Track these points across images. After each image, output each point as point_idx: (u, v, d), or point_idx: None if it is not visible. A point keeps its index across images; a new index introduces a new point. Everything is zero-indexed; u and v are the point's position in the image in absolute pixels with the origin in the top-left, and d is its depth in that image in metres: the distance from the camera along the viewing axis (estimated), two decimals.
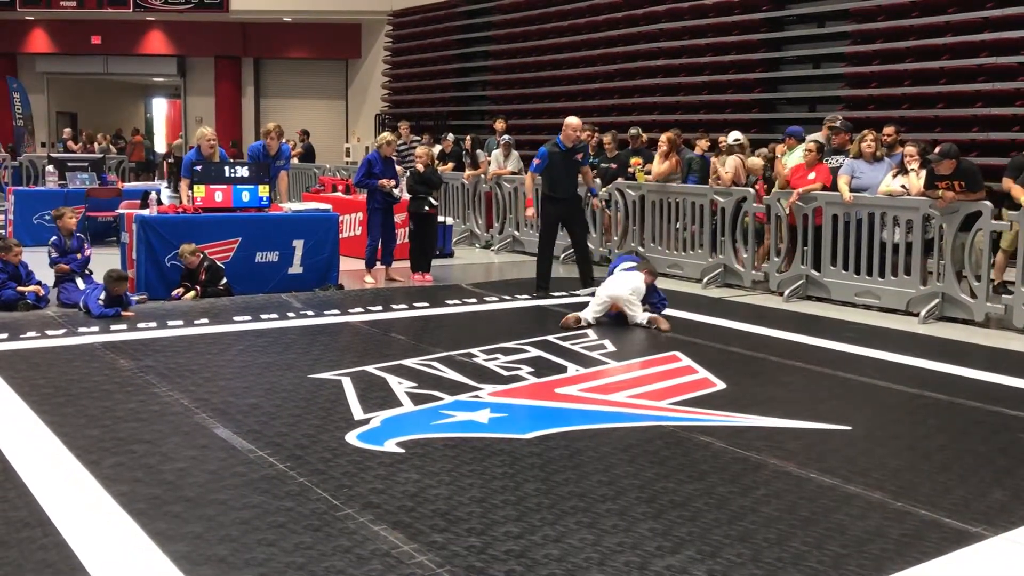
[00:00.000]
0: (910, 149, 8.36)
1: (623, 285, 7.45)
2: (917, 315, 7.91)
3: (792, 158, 9.40)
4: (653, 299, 7.71)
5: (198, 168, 8.83)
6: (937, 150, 7.94)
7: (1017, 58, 10.22)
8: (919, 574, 3.20)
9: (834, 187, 8.68)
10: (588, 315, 7.35)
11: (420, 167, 9.93)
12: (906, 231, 8.16)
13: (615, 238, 11.00)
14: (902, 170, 8.37)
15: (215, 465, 4.12)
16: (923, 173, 8.12)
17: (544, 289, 8.98)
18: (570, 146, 8.85)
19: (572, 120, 8.91)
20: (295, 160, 16.81)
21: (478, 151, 13.27)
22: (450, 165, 13.73)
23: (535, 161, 9.00)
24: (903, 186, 8.27)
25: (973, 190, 7.76)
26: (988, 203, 7.69)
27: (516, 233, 12.37)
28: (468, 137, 13.74)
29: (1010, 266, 7.91)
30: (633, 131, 11.35)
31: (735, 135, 10.10)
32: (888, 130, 9.04)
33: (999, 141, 10.16)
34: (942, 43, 10.96)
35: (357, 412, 4.92)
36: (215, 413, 4.87)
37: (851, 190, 8.49)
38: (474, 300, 8.56)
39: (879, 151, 8.68)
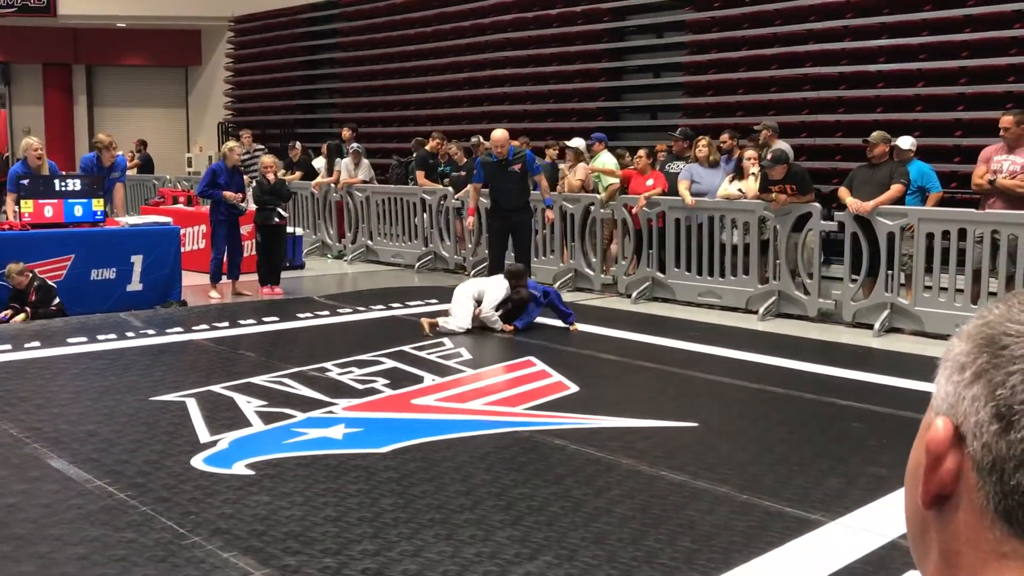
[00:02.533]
0: (750, 153, 8.77)
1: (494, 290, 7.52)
2: (756, 312, 8.29)
3: (598, 162, 9.97)
4: (534, 314, 7.64)
5: (25, 182, 8.31)
6: (769, 156, 8.36)
7: (837, 68, 10.89)
8: (765, 563, 3.34)
9: (673, 191, 9.00)
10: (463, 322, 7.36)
11: (271, 177, 9.64)
12: (743, 233, 8.55)
13: (469, 246, 11.03)
14: (738, 175, 8.76)
15: (48, 498, 3.86)
16: (759, 177, 8.52)
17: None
18: (500, 157, 8.57)
19: (496, 134, 8.63)
20: (132, 172, 16.07)
21: (336, 159, 13.05)
22: (298, 174, 13.45)
23: (475, 172, 8.92)
24: (740, 190, 8.66)
25: (804, 193, 8.20)
26: (818, 204, 8.16)
27: (369, 243, 12.23)
28: (326, 144, 13.49)
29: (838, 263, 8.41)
30: (474, 139, 11.44)
31: (576, 142, 10.33)
32: (724, 136, 9.47)
33: (824, 146, 10.79)
34: (771, 53, 11.55)
35: (203, 434, 4.73)
36: (48, 442, 4.58)
37: (691, 194, 8.83)
38: (327, 312, 8.39)
39: (712, 156, 9.07)
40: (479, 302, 7.51)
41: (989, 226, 7.21)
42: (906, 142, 8.30)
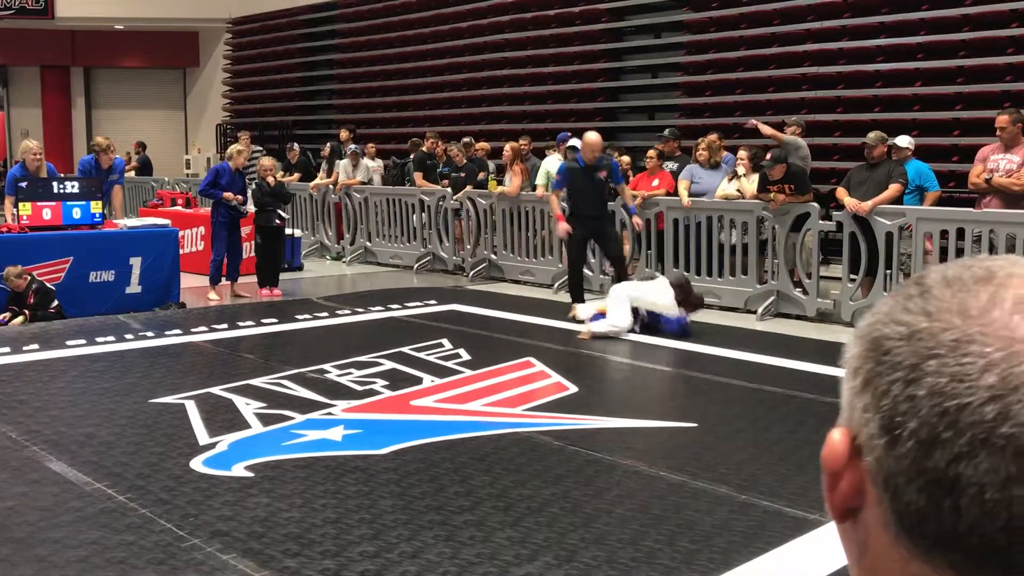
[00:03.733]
0: (742, 153, 8.77)
1: (663, 294, 7.38)
2: (755, 312, 8.30)
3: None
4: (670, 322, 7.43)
5: (23, 184, 8.31)
6: (769, 156, 8.36)
7: (835, 68, 10.90)
8: (764, 563, 3.34)
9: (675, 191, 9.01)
10: (622, 322, 7.22)
11: (271, 180, 9.62)
12: (742, 233, 8.55)
13: (468, 247, 11.04)
14: (736, 175, 8.77)
15: (48, 501, 3.86)
16: (755, 177, 8.53)
17: (579, 299, 8.28)
18: (590, 163, 8.11)
19: (589, 137, 8.09)
20: (131, 174, 16.07)
21: (337, 160, 13.05)
22: (296, 176, 13.45)
23: (555, 178, 8.40)
24: (738, 190, 8.66)
25: (802, 193, 8.20)
26: (816, 204, 8.16)
27: (368, 244, 12.24)
28: (327, 145, 13.49)
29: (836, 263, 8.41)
30: (466, 140, 11.45)
31: (574, 143, 10.32)
32: (712, 136, 9.52)
33: (822, 146, 10.80)
34: (769, 53, 11.55)
35: (202, 437, 4.73)
36: (47, 445, 4.57)
37: (690, 195, 8.83)
38: (326, 314, 8.39)
39: (714, 157, 9.08)
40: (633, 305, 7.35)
41: (987, 225, 7.22)
42: (904, 141, 8.31)
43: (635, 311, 7.33)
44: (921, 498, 0.51)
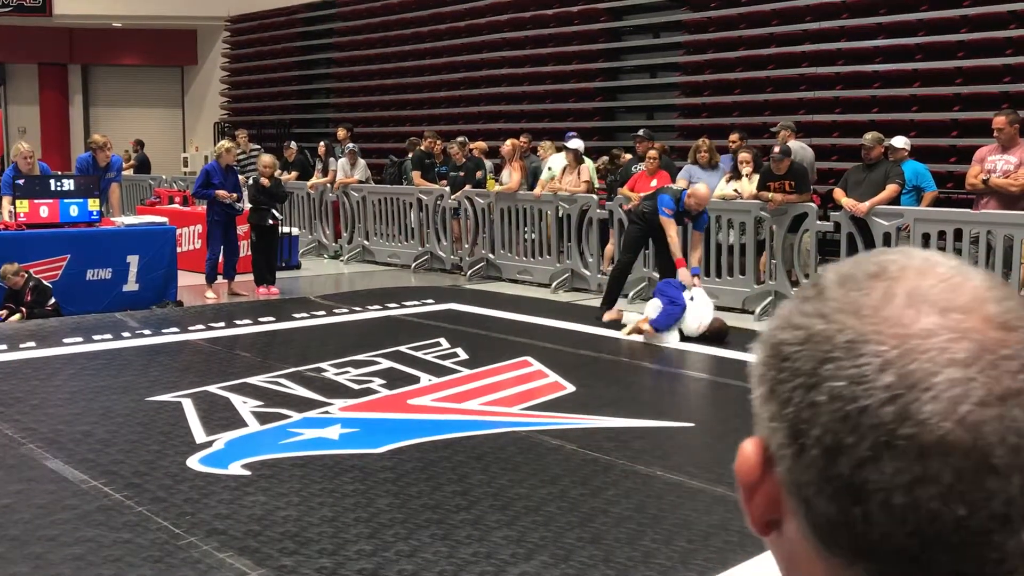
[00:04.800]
0: (744, 155, 8.78)
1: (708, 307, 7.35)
2: (753, 312, 8.30)
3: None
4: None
5: (20, 182, 8.30)
6: (777, 149, 8.36)
7: (834, 68, 10.91)
8: (761, 563, 3.34)
9: None
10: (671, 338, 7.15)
11: (265, 181, 9.61)
12: (740, 233, 8.56)
13: (466, 246, 11.04)
14: (735, 175, 8.78)
15: (44, 499, 3.86)
16: (755, 178, 8.53)
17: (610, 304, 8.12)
18: (689, 210, 7.86)
19: (699, 191, 7.80)
20: (129, 172, 16.04)
21: (331, 159, 13.04)
22: (294, 174, 13.44)
23: (666, 211, 7.83)
24: (736, 190, 8.67)
25: (801, 192, 8.21)
26: (813, 204, 8.17)
27: (365, 243, 12.23)
28: (322, 143, 13.48)
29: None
30: (461, 139, 11.46)
31: (575, 143, 10.31)
32: (733, 136, 9.54)
33: (821, 146, 10.81)
34: (768, 54, 11.56)
35: (199, 435, 4.72)
36: (44, 443, 4.57)
37: None
38: (323, 313, 8.39)
39: (714, 158, 9.09)
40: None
41: (984, 226, 7.23)
42: (900, 142, 8.33)
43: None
44: (832, 507, 0.49)
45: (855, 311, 0.51)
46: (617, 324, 7.65)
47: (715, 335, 7.16)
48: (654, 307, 7.28)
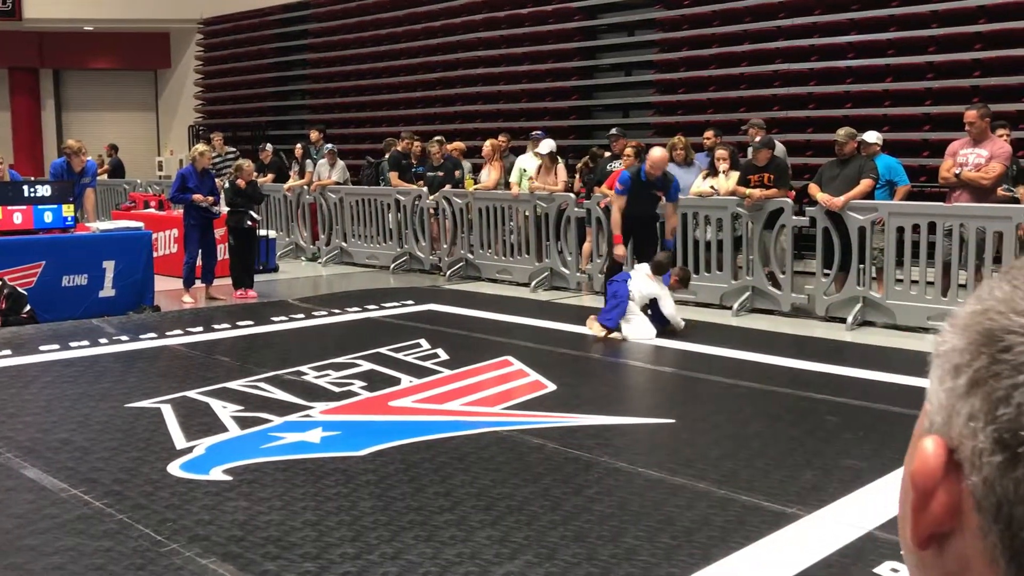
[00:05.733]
0: (721, 152, 8.83)
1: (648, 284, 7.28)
2: (731, 308, 8.35)
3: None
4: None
5: None
6: (758, 139, 8.39)
7: (807, 64, 10.99)
8: (744, 557, 3.36)
9: None
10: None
11: (242, 183, 9.55)
12: (717, 229, 8.60)
13: (444, 246, 11.03)
14: (712, 172, 8.82)
15: (23, 508, 3.82)
16: (733, 174, 8.58)
17: None
18: (651, 178, 7.89)
19: (655, 154, 7.86)
20: (103, 176, 15.91)
21: (307, 161, 12.99)
22: (270, 176, 13.37)
23: (618, 185, 7.99)
24: (712, 187, 8.72)
25: (780, 186, 8.26)
26: (790, 200, 8.23)
27: (343, 244, 12.19)
28: (299, 145, 13.42)
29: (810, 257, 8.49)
30: (438, 139, 11.47)
31: (547, 144, 10.32)
32: (708, 133, 9.59)
33: (795, 142, 10.89)
34: (741, 51, 11.62)
35: (179, 441, 4.69)
36: (22, 452, 4.53)
37: None
38: (302, 315, 8.36)
39: (689, 156, 9.14)
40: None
41: (957, 219, 7.31)
42: (872, 136, 8.41)
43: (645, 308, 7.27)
44: None
45: None
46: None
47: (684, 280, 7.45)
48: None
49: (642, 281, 7.29)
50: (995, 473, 0.43)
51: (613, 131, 10.12)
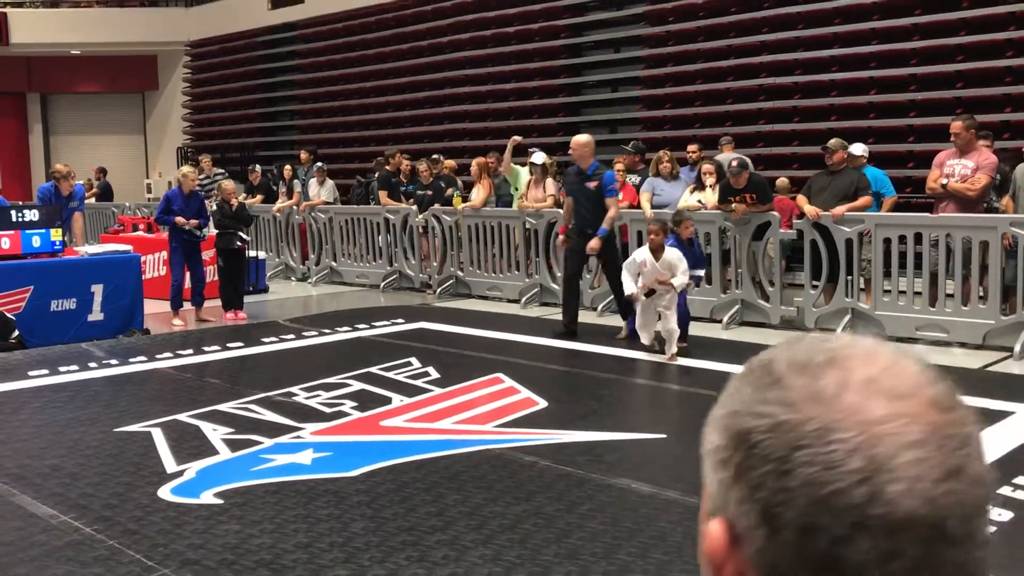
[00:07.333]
0: (707, 166, 8.87)
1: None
2: (720, 321, 8.37)
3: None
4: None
5: None
6: (734, 163, 8.45)
7: (792, 78, 11.07)
8: None
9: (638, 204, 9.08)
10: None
11: (233, 202, 9.54)
12: (705, 243, 8.63)
13: (434, 264, 11.03)
14: (699, 186, 8.86)
15: (12, 536, 3.80)
16: (717, 188, 8.63)
17: (571, 332, 7.85)
18: (582, 168, 7.72)
19: (575, 139, 7.76)
20: (92, 200, 15.89)
21: (295, 181, 13.00)
22: (259, 198, 13.37)
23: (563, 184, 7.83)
24: (700, 201, 8.75)
25: (763, 202, 8.30)
26: (776, 213, 8.27)
27: (333, 264, 12.19)
28: (287, 166, 13.43)
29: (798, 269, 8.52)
30: (435, 156, 11.49)
31: (539, 156, 10.37)
32: (691, 148, 9.64)
33: (781, 155, 10.95)
34: (726, 65, 11.71)
35: (170, 464, 4.68)
36: (10, 479, 4.50)
37: (652, 207, 8.91)
38: (292, 336, 8.34)
39: (675, 169, 9.19)
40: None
41: (943, 229, 7.36)
42: (858, 149, 8.47)
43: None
44: None
45: (817, 399, 0.55)
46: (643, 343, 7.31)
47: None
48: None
49: (650, 266, 7.05)
50: (763, 542, 0.54)
51: (630, 146, 10.15)
